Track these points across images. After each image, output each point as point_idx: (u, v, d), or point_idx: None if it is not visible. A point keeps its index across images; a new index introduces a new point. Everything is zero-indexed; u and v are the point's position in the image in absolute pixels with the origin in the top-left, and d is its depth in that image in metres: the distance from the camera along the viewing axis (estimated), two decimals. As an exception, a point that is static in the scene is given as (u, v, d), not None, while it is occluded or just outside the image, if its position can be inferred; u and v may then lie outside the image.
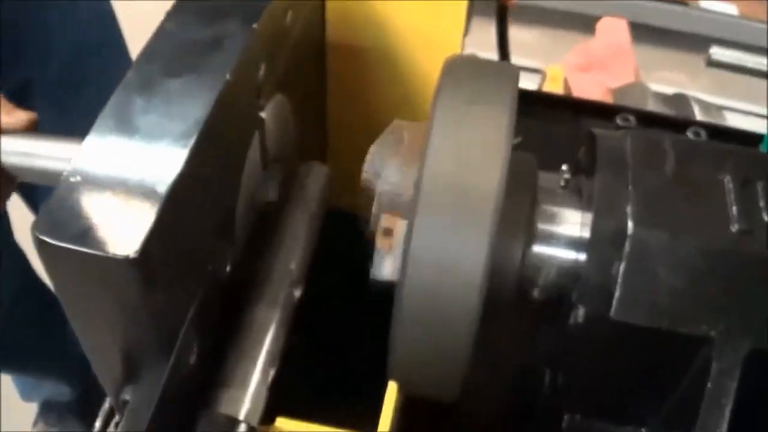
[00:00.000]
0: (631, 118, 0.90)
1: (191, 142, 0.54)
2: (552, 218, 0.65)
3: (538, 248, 0.64)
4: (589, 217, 0.63)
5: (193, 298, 0.59)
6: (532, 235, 0.64)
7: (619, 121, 0.91)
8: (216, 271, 0.64)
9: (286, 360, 0.70)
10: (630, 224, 0.59)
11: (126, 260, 0.48)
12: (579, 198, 0.66)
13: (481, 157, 0.58)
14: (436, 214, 0.57)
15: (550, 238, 0.64)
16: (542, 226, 0.64)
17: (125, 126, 0.55)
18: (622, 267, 0.58)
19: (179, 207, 0.53)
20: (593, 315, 0.60)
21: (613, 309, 0.58)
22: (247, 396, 0.64)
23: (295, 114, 0.79)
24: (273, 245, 0.75)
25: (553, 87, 1.42)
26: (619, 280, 0.58)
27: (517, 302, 0.64)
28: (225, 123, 0.60)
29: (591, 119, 1.02)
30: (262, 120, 0.70)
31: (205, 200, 0.59)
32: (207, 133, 0.56)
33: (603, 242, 0.60)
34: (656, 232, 0.58)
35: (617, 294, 0.58)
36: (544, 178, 0.68)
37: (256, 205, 0.73)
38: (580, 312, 0.61)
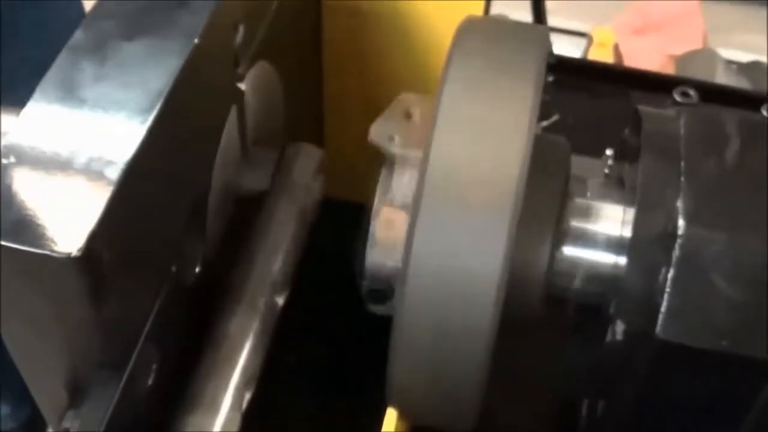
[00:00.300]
0: (692, 92, 0.89)
1: (151, 117, 0.54)
2: (587, 214, 0.65)
3: (569, 250, 0.64)
4: (632, 213, 0.62)
5: (151, 306, 0.59)
6: (562, 234, 0.64)
7: (677, 96, 0.89)
8: (181, 274, 0.64)
9: (268, 380, 0.70)
10: (681, 222, 0.58)
11: (68, 259, 0.48)
12: (621, 190, 0.66)
13: (499, 139, 0.58)
14: (444, 209, 0.57)
15: (584, 238, 0.64)
16: (575, 223, 0.64)
17: (71, 97, 0.55)
18: (670, 274, 0.58)
19: (135, 195, 0.53)
20: (635, 332, 0.60)
21: (658, 325, 0.58)
22: (216, 422, 0.64)
23: (283, 86, 0.79)
24: (253, 243, 0.75)
25: (601, 54, 1.41)
26: (667, 290, 0.58)
27: (543, 316, 0.64)
28: (193, 95, 0.60)
29: (645, 93, 1.02)
30: (240, 92, 0.70)
31: (169, 188, 0.59)
32: (171, 107, 0.56)
33: (647, 244, 0.60)
34: (713, 233, 0.58)
35: (664, 307, 0.58)
36: (582, 165, 0.68)
37: (233, 195, 0.73)
38: (619, 328, 0.61)
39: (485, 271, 0.56)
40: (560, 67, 0.98)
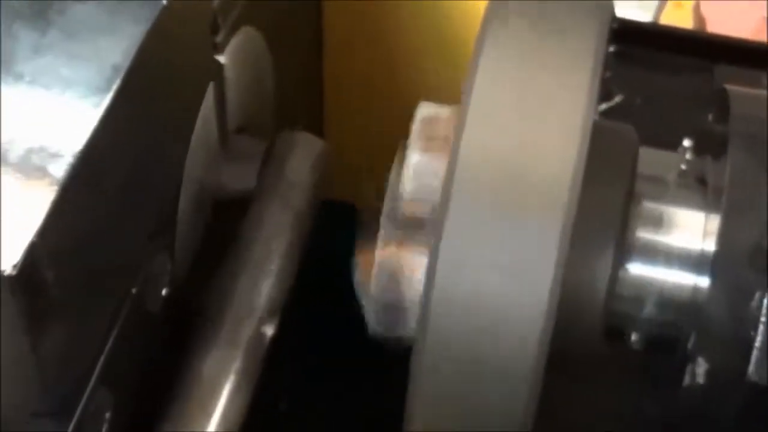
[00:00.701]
0: None
1: (106, 99, 0.54)
2: (659, 222, 0.65)
3: (636, 268, 0.64)
4: (716, 221, 0.62)
5: (106, 338, 0.59)
6: (628, 248, 0.64)
7: None
8: (144, 297, 0.64)
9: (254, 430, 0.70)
10: None
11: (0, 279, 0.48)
12: (703, 192, 0.66)
13: (547, 127, 0.58)
14: (477, 217, 0.57)
15: (656, 253, 0.64)
16: (643, 234, 0.64)
17: (4, 72, 0.55)
18: (765, 300, 0.58)
19: (86, 198, 0.53)
20: (721, 373, 0.60)
21: (751, 365, 0.58)
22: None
23: (273, 60, 0.79)
24: (236, 259, 0.75)
25: (678, 17, 1.39)
26: (762, 320, 0.58)
27: (603, 353, 0.64)
28: (160, 71, 0.60)
29: (735, 68, 1.02)
30: (219, 66, 0.70)
31: (129, 188, 0.59)
32: (131, 86, 0.56)
33: (736, 261, 0.60)
34: None
35: (758, 342, 0.58)
36: (653, 159, 0.68)
37: (210, 198, 0.73)
38: (700, 368, 0.61)
39: (529, 295, 0.56)
40: (624, 34, 0.98)
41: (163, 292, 0.66)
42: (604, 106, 0.92)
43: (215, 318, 0.72)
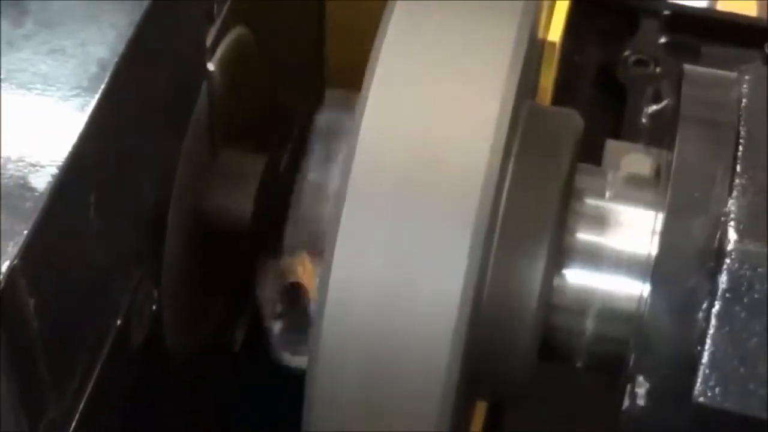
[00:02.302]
0: None
1: (93, 100, 0.52)
2: (602, 221, 0.62)
3: (574, 275, 0.62)
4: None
5: (87, 375, 0.56)
6: (565, 253, 0.61)
7: None
8: (128, 331, 0.61)
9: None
10: (731, 235, 0.56)
11: None
12: (656, 187, 0.63)
13: (461, 106, 0.56)
14: (377, 211, 0.55)
15: (598, 258, 0.62)
16: (583, 236, 0.62)
17: None
18: (714, 310, 0.55)
19: (69, 216, 0.50)
20: (663, 393, 0.58)
21: (696, 386, 0.55)
22: None
23: (267, 65, 0.77)
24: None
25: (739, 3, 1.34)
26: (709, 333, 0.55)
27: (539, 376, 0.62)
28: (151, 69, 0.57)
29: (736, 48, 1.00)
30: (208, 72, 0.67)
31: (114, 204, 0.56)
32: (120, 85, 0.53)
33: (681, 266, 0.57)
34: None
35: (705, 358, 0.55)
36: (614, 150, 0.66)
37: (201, 226, 0.70)
38: (641, 389, 0.58)
39: (437, 304, 0.54)
40: (677, 22, 0.95)
41: (139, 338, 0.64)
42: (652, 109, 0.93)
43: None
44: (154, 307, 0.65)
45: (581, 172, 0.63)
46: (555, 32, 0.84)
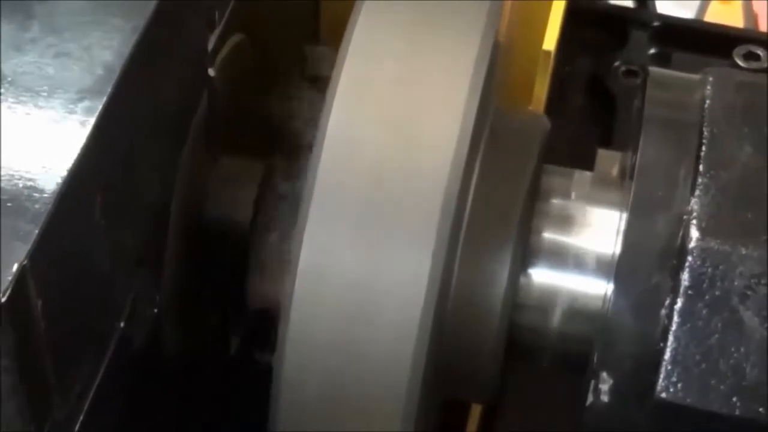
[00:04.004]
0: (762, 53, 0.88)
1: (100, 103, 0.51)
2: (566, 221, 0.62)
3: (539, 274, 0.62)
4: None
5: (91, 377, 0.57)
6: (530, 252, 0.61)
7: (737, 58, 0.89)
8: (131, 333, 0.61)
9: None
10: (693, 232, 0.56)
11: None
12: (620, 187, 0.63)
13: (426, 107, 0.56)
14: (343, 211, 0.55)
15: (563, 257, 0.62)
16: (548, 235, 0.62)
17: None
18: (676, 306, 0.56)
19: (76, 218, 0.50)
20: (626, 390, 0.58)
21: (659, 382, 0.56)
22: None
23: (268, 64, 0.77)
24: None
25: (725, 13, 1.37)
26: (671, 329, 0.55)
27: (508, 376, 0.62)
28: (156, 73, 0.57)
29: (725, 59, 0.99)
30: (209, 78, 0.67)
31: (118, 206, 0.56)
32: (127, 90, 0.53)
33: (643, 263, 0.57)
34: (739, 248, 0.56)
35: (667, 355, 0.55)
36: (606, 159, 0.67)
37: (194, 227, 0.70)
38: (604, 385, 0.58)
39: (401, 305, 0.54)
40: (666, 33, 0.96)
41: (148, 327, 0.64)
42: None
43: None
44: (155, 310, 0.64)
45: (547, 172, 0.63)
46: (550, 42, 0.84)
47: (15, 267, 0.46)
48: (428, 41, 0.58)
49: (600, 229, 0.62)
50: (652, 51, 1.02)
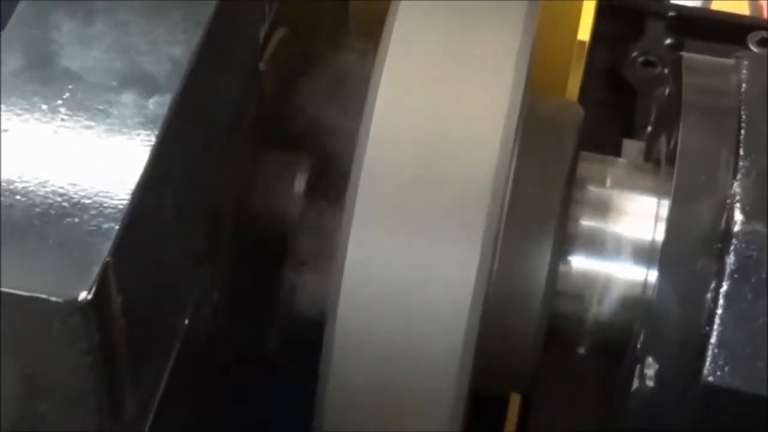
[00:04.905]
0: None
1: (170, 96, 0.51)
2: (604, 208, 0.62)
3: (579, 262, 0.62)
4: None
5: (160, 373, 0.57)
6: (569, 239, 0.61)
7: (751, 44, 0.91)
8: (194, 330, 0.61)
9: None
10: (738, 216, 0.56)
11: (74, 305, 0.45)
12: (656, 174, 0.64)
13: (470, 98, 0.56)
14: (386, 212, 0.55)
15: (602, 244, 0.62)
16: (586, 223, 0.62)
17: (49, 68, 0.52)
18: (722, 290, 0.56)
19: (149, 218, 0.51)
20: (671, 375, 0.58)
21: (705, 366, 0.55)
22: None
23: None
24: None
25: (731, 3, 1.35)
26: (717, 313, 0.55)
27: (546, 363, 0.62)
28: (219, 68, 0.57)
29: (740, 47, 1.00)
30: (260, 73, 0.67)
31: (182, 205, 0.56)
32: (195, 83, 0.52)
33: (688, 248, 0.57)
34: None
35: (713, 338, 0.55)
36: (631, 148, 0.69)
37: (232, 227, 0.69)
38: (650, 370, 0.58)
39: (448, 301, 0.54)
40: (682, 23, 0.98)
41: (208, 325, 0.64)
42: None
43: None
44: (213, 309, 0.64)
45: (583, 159, 0.63)
46: (584, 32, 0.84)
47: (99, 264, 0.46)
48: (470, 33, 0.58)
49: (637, 215, 0.62)
50: (668, 41, 1.02)
